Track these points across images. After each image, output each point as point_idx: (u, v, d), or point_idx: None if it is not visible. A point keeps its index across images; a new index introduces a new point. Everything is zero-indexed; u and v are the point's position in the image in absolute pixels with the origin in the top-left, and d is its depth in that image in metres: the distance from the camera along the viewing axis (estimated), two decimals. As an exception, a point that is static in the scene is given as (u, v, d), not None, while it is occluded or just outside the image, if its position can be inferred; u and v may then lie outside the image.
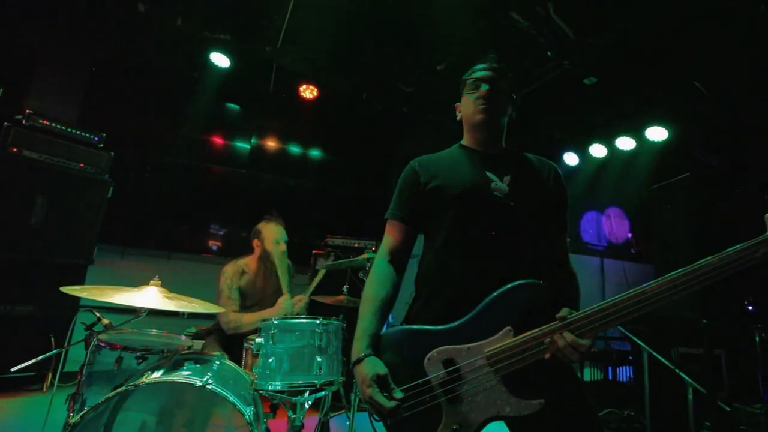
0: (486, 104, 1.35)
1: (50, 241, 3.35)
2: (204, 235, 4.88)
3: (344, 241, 3.60)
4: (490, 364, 1.10)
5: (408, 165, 1.46)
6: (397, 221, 1.40)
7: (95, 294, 1.59)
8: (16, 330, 3.18)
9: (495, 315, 1.14)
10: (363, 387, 1.12)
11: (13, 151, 3.26)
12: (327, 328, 1.81)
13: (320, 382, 1.71)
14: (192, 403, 1.88)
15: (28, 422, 2.64)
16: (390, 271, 1.34)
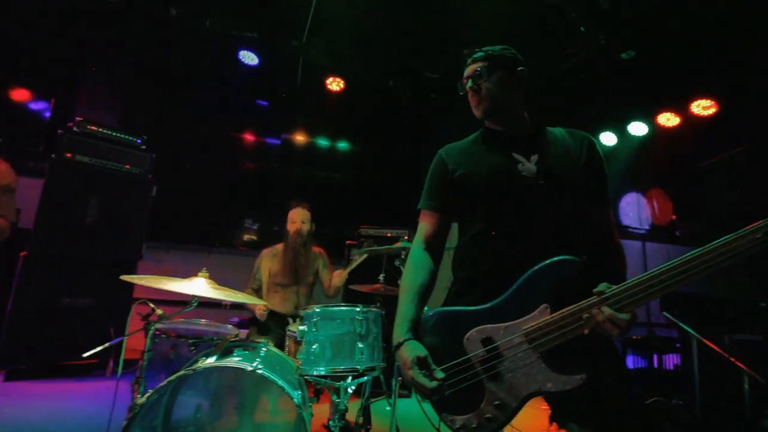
0: (474, 101, 1.38)
1: (104, 239, 3.60)
2: (240, 230, 5.07)
3: (377, 231, 3.64)
4: (528, 341, 1.11)
5: (436, 154, 1.47)
6: (430, 210, 1.42)
7: (152, 282, 1.70)
8: (79, 321, 3.45)
9: (531, 293, 1.15)
10: (405, 369, 1.16)
11: (68, 157, 3.50)
12: (367, 315, 1.86)
13: (363, 368, 1.76)
14: (242, 387, 1.98)
15: (98, 403, 2.87)
16: (426, 259, 1.37)
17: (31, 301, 3.24)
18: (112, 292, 3.64)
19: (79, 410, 2.78)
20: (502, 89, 1.35)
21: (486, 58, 1.37)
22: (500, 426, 1.13)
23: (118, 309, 3.66)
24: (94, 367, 3.51)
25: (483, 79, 1.34)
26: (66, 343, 3.38)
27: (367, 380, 2.13)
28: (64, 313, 3.38)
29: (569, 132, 1.41)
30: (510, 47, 1.43)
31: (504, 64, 1.37)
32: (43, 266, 3.31)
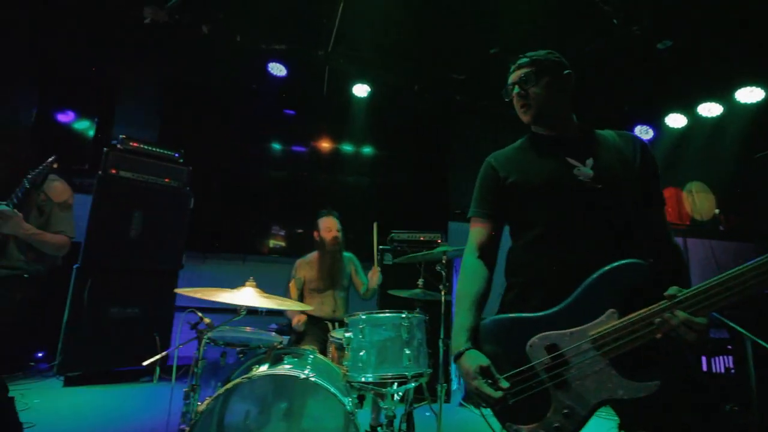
0: (523, 106, 1.36)
1: (147, 250, 3.75)
2: (271, 237, 5.17)
3: (410, 235, 3.64)
4: (596, 348, 1.09)
5: (485, 162, 1.47)
6: (481, 218, 1.41)
7: (205, 294, 1.76)
8: (126, 329, 3.60)
9: (596, 298, 1.12)
10: (468, 380, 1.15)
11: (112, 173, 3.68)
12: (411, 321, 1.85)
13: (411, 374, 1.75)
14: (290, 394, 2.02)
15: (149, 408, 2.99)
16: (480, 267, 1.36)
17: (84, 311, 3.41)
18: (156, 301, 3.80)
19: (133, 415, 2.90)
20: (550, 93, 1.34)
21: (532, 63, 1.36)
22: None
23: (162, 317, 3.81)
24: (141, 374, 3.66)
25: (530, 85, 1.34)
26: (115, 351, 3.54)
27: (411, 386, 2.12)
28: (113, 322, 3.55)
29: (619, 134, 1.39)
30: (554, 51, 1.42)
31: (550, 68, 1.35)
32: (94, 277, 3.48)
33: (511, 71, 1.41)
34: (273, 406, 1.99)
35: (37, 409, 2.79)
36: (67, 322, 3.36)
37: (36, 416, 2.58)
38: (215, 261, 4.73)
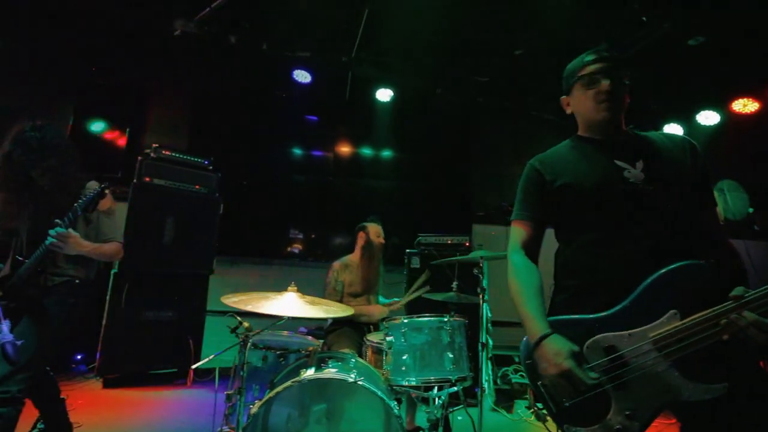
0: (609, 101, 1.29)
1: (180, 256, 3.85)
2: (297, 242, 5.24)
3: (437, 239, 3.64)
4: (657, 349, 1.08)
5: (527, 165, 1.46)
6: (525, 220, 1.41)
7: (249, 301, 1.80)
8: (161, 332, 3.70)
9: (656, 299, 1.12)
10: (557, 360, 1.11)
11: (146, 181, 3.79)
12: (452, 325, 1.86)
13: (455, 378, 1.75)
14: (336, 397, 2.04)
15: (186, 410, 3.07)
16: (530, 263, 1.36)
17: (121, 314, 3.52)
18: (188, 305, 3.89)
19: (173, 417, 2.97)
20: (626, 95, 1.34)
21: (622, 59, 1.34)
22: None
23: (194, 321, 3.90)
24: (176, 377, 3.74)
25: (621, 82, 1.30)
26: (151, 353, 3.64)
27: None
28: (148, 326, 3.65)
29: (667, 136, 1.38)
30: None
31: (629, 68, 1.33)
32: (130, 282, 3.59)
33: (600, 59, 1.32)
34: (318, 408, 2.01)
35: (81, 409, 2.88)
36: (105, 326, 3.47)
37: (81, 417, 2.66)
38: (243, 265, 4.81)
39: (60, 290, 1.97)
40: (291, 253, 5.16)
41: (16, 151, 1.88)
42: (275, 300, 1.87)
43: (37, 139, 1.91)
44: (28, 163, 1.88)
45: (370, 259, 2.92)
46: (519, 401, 3.49)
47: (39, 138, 1.91)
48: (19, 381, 1.74)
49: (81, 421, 2.59)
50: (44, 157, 1.90)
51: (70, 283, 2.01)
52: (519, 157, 5.47)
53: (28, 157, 1.88)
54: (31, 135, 1.91)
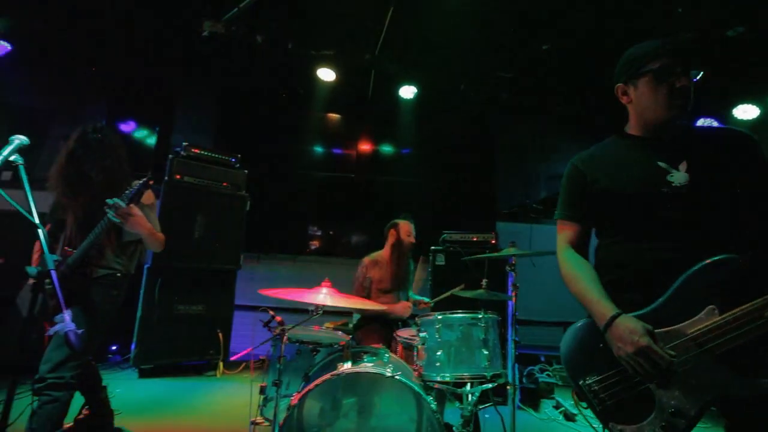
0: (685, 100, 1.20)
1: (209, 251, 3.95)
2: (321, 238, 5.30)
3: (462, 236, 3.62)
4: (698, 345, 1.07)
5: (569, 164, 1.45)
6: (568, 221, 1.40)
7: (286, 294, 1.84)
8: (191, 325, 3.81)
9: (693, 295, 1.11)
10: (633, 338, 1.09)
11: (177, 178, 3.90)
12: (487, 321, 1.86)
13: (489, 375, 1.75)
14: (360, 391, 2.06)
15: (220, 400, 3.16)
16: (580, 256, 1.36)
17: (154, 308, 3.64)
18: (217, 299, 4.00)
19: (207, 407, 3.07)
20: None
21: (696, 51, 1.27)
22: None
23: (223, 315, 4.01)
24: (206, 368, 3.86)
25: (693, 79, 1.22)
26: (182, 346, 3.76)
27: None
28: (180, 319, 3.76)
29: (722, 130, 1.32)
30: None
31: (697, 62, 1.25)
32: (162, 277, 3.71)
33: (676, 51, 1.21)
34: (349, 402, 2.04)
35: (120, 398, 3.00)
36: (141, 319, 3.60)
37: (120, 404, 2.77)
38: (268, 261, 4.90)
39: (103, 282, 2.07)
40: (315, 249, 5.23)
41: (78, 150, 2.02)
42: (311, 294, 1.90)
43: (97, 140, 2.05)
44: (87, 162, 2.02)
45: (400, 258, 2.94)
46: (545, 400, 3.45)
47: (99, 140, 2.06)
48: (72, 368, 1.84)
49: (120, 408, 2.70)
50: (102, 157, 2.03)
51: (113, 275, 2.10)
52: (544, 154, 5.39)
53: (88, 156, 2.02)
54: (93, 137, 2.05)
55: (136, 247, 2.28)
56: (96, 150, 2.04)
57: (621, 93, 1.36)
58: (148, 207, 2.16)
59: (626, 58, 1.34)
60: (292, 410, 1.67)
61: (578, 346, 1.26)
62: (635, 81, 1.29)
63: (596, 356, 1.20)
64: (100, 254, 2.06)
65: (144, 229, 2.01)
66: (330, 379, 1.66)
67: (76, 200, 2.04)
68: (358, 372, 1.71)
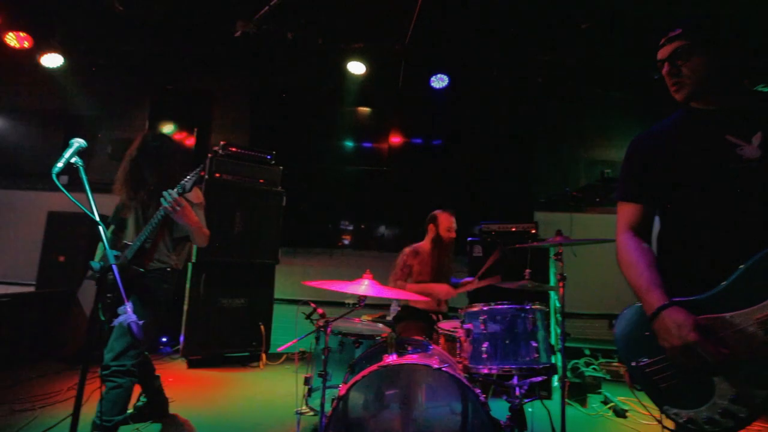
0: (674, 85, 1.23)
1: (248, 247, 4.07)
2: (356, 232, 5.33)
3: (500, 226, 3.53)
4: (765, 331, 0.99)
5: (631, 142, 1.36)
6: (629, 201, 1.31)
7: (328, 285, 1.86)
8: (234, 318, 3.95)
9: (759, 280, 1.03)
10: (680, 332, 1.04)
11: (216, 176, 4.03)
12: (534, 313, 1.79)
13: (540, 367, 1.69)
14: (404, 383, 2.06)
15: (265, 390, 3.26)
16: (641, 241, 1.26)
17: (199, 302, 3.80)
18: (257, 292, 4.12)
19: (253, 396, 3.18)
20: (706, 66, 1.18)
21: (683, 33, 1.21)
22: (741, 424, 1.02)
23: (264, 308, 4.13)
24: (250, 360, 3.99)
25: (682, 60, 1.19)
26: (227, 337, 3.91)
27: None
28: (223, 312, 3.91)
29: None
30: (707, 13, 1.25)
31: (705, 36, 1.19)
32: (206, 272, 3.86)
33: (660, 44, 1.26)
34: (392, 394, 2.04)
35: (172, 386, 3.17)
36: (187, 312, 3.77)
37: (172, 393, 2.93)
38: (305, 255, 4.99)
39: (156, 275, 2.18)
40: (350, 243, 5.27)
41: (139, 156, 2.18)
42: (353, 285, 1.91)
43: (156, 147, 2.21)
44: (146, 167, 2.18)
45: (441, 254, 2.89)
46: (592, 395, 3.32)
47: (158, 146, 2.22)
48: (132, 356, 1.97)
49: (173, 396, 2.85)
50: (161, 163, 2.19)
51: (164, 269, 2.21)
52: (584, 139, 5.15)
53: (147, 161, 2.18)
54: (153, 144, 2.21)
55: (185, 244, 2.38)
56: (155, 156, 2.19)
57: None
58: (197, 205, 2.25)
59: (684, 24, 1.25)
60: (339, 401, 1.68)
61: (630, 328, 1.21)
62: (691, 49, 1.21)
63: (648, 339, 1.14)
64: (153, 248, 2.17)
65: (191, 222, 2.09)
66: (376, 371, 1.66)
67: (137, 201, 2.19)
68: (404, 363, 1.69)
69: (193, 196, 2.23)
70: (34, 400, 2.81)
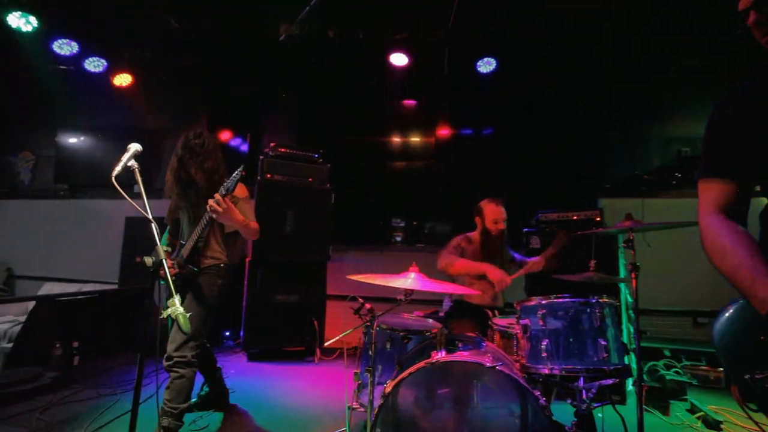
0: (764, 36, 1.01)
1: (300, 244, 4.16)
2: (406, 228, 5.26)
3: (560, 215, 3.25)
4: None
5: (714, 110, 1.12)
6: (715, 179, 1.08)
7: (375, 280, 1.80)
8: (289, 314, 4.06)
9: None
10: None
11: (267, 177, 4.16)
12: (602, 307, 1.59)
13: (610, 368, 1.50)
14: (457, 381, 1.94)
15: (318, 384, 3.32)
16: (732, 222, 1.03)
17: (256, 298, 3.96)
18: (310, 289, 4.20)
19: (308, 389, 3.24)
20: None
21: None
22: None
23: (316, 304, 4.20)
24: (305, 354, 4.09)
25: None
26: (283, 332, 4.03)
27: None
28: (279, 308, 4.03)
29: None
30: None
31: None
32: (262, 269, 4.01)
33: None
34: (444, 393, 1.94)
35: (233, 378, 3.32)
36: (246, 308, 3.94)
37: (234, 384, 3.07)
38: (355, 252, 5.02)
39: (210, 272, 2.26)
40: (400, 239, 5.21)
41: (185, 155, 2.23)
42: (398, 278, 1.83)
43: (199, 145, 2.24)
44: (192, 165, 2.22)
45: (491, 248, 2.71)
46: (675, 402, 2.95)
47: (200, 144, 2.24)
48: (192, 348, 2.06)
49: (234, 387, 2.99)
50: (203, 160, 2.22)
51: (218, 266, 2.29)
52: (655, 115, 4.61)
53: (192, 159, 2.22)
54: (195, 142, 2.24)
55: (237, 239, 2.45)
56: (198, 153, 2.23)
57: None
58: (242, 200, 2.30)
59: None
60: (386, 397, 1.62)
61: (737, 331, 0.99)
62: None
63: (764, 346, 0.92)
64: (206, 246, 2.26)
65: (236, 222, 2.13)
66: (424, 368, 1.57)
67: (187, 200, 2.27)
68: (453, 361, 1.58)
69: (238, 191, 2.28)
70: (116, 386, 3.09)
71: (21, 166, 6.21)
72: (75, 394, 2.90)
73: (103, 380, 3.23)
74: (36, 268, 5.70)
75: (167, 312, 1.37)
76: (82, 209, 5.77)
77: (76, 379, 3.18)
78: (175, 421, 2.05)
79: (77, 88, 5.24)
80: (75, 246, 5.64)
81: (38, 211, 5.90)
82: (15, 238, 5.88)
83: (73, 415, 2.59)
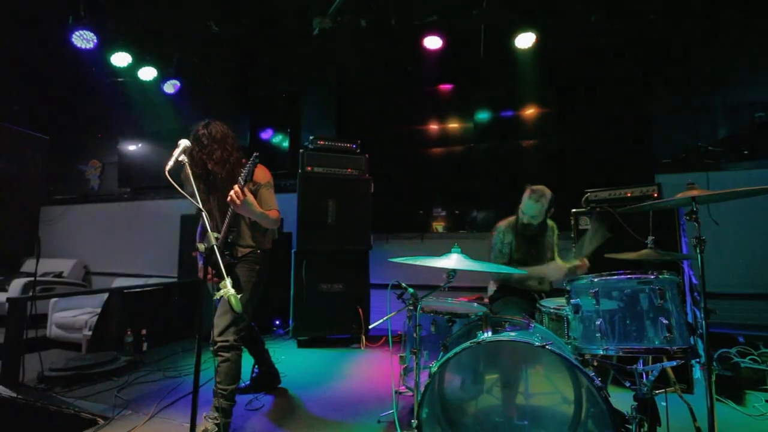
0: None
1: (342, 234, 4.24)
2: (445, 216, 5.18)
3: (610, 193, 3.03)
4: None
5: None
6: None
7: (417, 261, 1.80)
8: (334, 302, 4.16)
9: None
10: None
11: (308, 170, 4.27)
12: (663, 283, 1.47)
13: (675, 348, 1.39)
14: (505, 364, 1.89)
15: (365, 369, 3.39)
16: None
17: (302, 288, 4.09)
18: (353, 277, 4.27)
19: (355, 375, 3.32)
20: None
21: None
22: None
23: (360, 292, 4.27)
24: (351, 341, 4.18)
25: None
26: (329, 320, 4.15)
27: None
28: (324, 297, 4.14)
29: None
30: None
31: None
32: (306, 260, 4.13)
33: None
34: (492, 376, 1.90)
35: (284, 363, 3.47)
36: (293, 297, 4.09)
37: (285, 369, 3.20)
38: (397, 240, 5.03)
39: (247, 259, 2.31)
40: (441, 226, 5.16)
41: (195, 148, 2.19)
42: (441, 260, 1.81)
43: (206, 136, 2.21)
44: (204, 157, 2.20)
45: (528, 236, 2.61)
46: (752, 393, 2.69)
47: (208, 135, 2.21)
48: (235, 332, 2.16)
49: (286, 372, 3.12)
50: (213, 150, 2.19)
51: (254, 252, 2.33)
52: (721, 80, 4.16)
53: (203, 151, 2.19)
54: (202, 133, 2.21)
55: None
56: (207, 145, 2.19)
57: None
58: (264, 186, 2.27)
59: None
60: (431, 380, 1.61)
61: None
62: None
63: None
64: (239, 236, 2.29)
65: (251, 214, 2.11)
66: (469, 348, 1.54)
67: (211, 192, 2.29)
68: (500, 341, 1.54)
69: (260, 176, 2.27)
70: (180, 369, 3.34)
71: (90, 174, 6.85)
72: (145, 376, 3.17)
73: (168, 363, 3.50)
74: (108, 265, 6.28)
75: (219, 294, 1.44)
76: (143, 210, 6.27)
77: (145, 363, 3.49)
78: (227, 401, 2.13)
79: (132, 97, 5.66)
80: (139, 244, 6.16)
81: (107, 214, 6.49)
82: (89, 238, 6.51)
83: (145, 393, 2.84)
